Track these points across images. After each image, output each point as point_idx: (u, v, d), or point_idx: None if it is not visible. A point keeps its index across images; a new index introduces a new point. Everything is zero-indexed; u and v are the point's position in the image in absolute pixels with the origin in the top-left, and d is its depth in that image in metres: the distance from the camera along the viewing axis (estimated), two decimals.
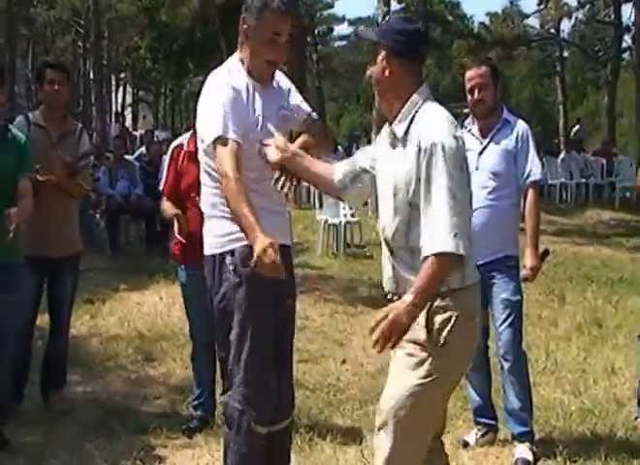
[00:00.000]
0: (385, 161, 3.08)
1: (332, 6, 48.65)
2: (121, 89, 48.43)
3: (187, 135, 4.91)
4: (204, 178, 3.50)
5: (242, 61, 3.48)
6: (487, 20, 38.93)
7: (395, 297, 3.01)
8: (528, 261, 4.53)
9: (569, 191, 17.60)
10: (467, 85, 4.55)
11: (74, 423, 4.88)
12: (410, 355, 2.97)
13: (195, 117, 3.53)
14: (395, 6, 27.59)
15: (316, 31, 46.40)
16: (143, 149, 14.42)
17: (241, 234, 3.22)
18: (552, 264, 9.52)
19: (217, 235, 3.46)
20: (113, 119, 31.48)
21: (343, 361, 6.25)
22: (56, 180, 4.71)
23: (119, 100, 47.39)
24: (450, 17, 40.36)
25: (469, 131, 4.59)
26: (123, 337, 6.83)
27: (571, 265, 10.63)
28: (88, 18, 27.05)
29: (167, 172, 4.93)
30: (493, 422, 4.71)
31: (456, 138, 2.92)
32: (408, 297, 2.82)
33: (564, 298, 8.49)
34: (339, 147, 20.51)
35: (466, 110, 4.71)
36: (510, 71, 44.69)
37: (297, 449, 4.38)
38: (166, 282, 8.61)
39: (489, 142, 4.53)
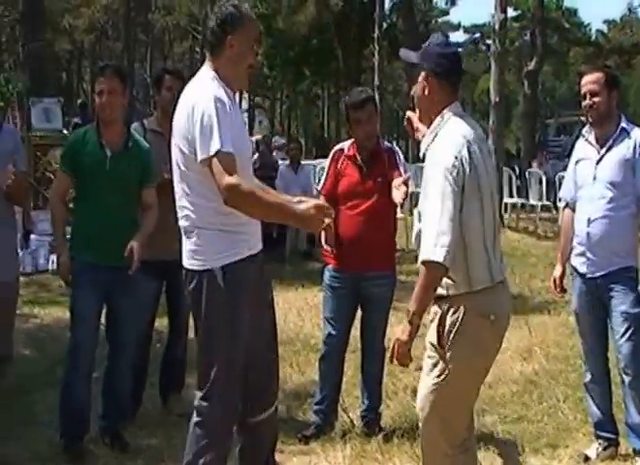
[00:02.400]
0: None
1: (447, 13, 48.46)
2: (237, 95, 49.30)
3: (350, 141, 4.92)
4: (197, 194, 3.45)
5: (217, 71, 3.51)
6: (604, 28, 38.03)
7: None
8: None
9: None
10: (581, 91, 4.49)
11: None
12: (429, 356, 3.34)
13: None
14: (511, 13, 27.19)
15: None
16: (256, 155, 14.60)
17: (234, 251, 3.39)
18: None
19: (212, 251, 3.44)
20: None
21: None
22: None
23: None
24: (567, 25, 39.59)
25: (586, 139, 4.53)
26: None
27: None
28: (206, 24, 27.60)
29: (326, 175, 4.98)
30: (614, 436, 4.57)
31: (456, 158, 3.18)
32: (407, 315, 3.20)
33: None
34: None
35: (583, 118, 4.60)
36: (628, 79, 43.42)
37: (415, 458, 4.34)
38: (282, 288, 8.68)
39: (606, 152, 4.42)
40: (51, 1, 25.72)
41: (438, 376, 3.29)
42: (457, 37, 69.41)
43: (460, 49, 3.55)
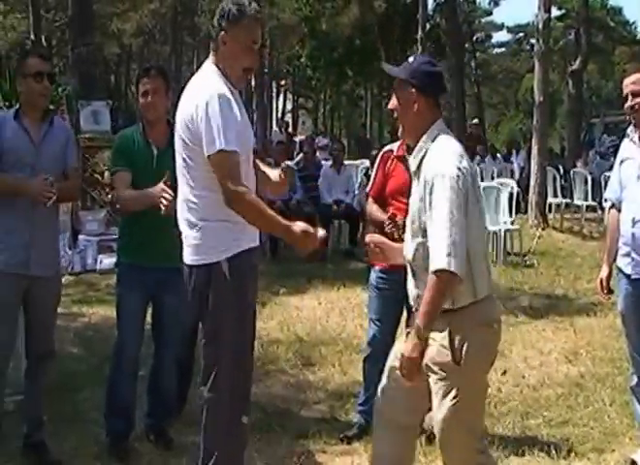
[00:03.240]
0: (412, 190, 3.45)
1: (490, 13, 48.22)
2: (282, 96, 49.48)
3: (398, 142, 4.92)
4: (201, 186, 3.47)
5: (218, 67, 3.51)
6: None
7: None
8: None
9: None
10: (623, 92, 4.44)
11: None
12: (439, 379, 3.26)
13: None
14: (555, 12, 26.92)
15: (475, 38, 45.92)
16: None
17: (236, 242, 3.46)
18: None
19: (217, 243, 3.47)
20: (274, 125, 32.11)
21: (504, 372, 6.08)
22: None
23: (280, 106, 48.44)
24: (612, 23, 39.13)
25: (631, 139, 4.49)
26: (283, 341, 6.93)
27: None
28: None
29: (374, 176, 4.98)
30: None
31: (459, 169, 3.19)
32: (413, 333, 3.21)
33: None
34: (499, 155, 20.14)
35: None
36: None
37: None
38: (324, 287, 8.71)
39: None
40: (100, 6, 26.05)
41: (455, 396, 3.24)
42: (500, 37, 69.11)
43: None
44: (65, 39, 28.47)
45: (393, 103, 3.46)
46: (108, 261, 9.63)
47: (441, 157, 3.27)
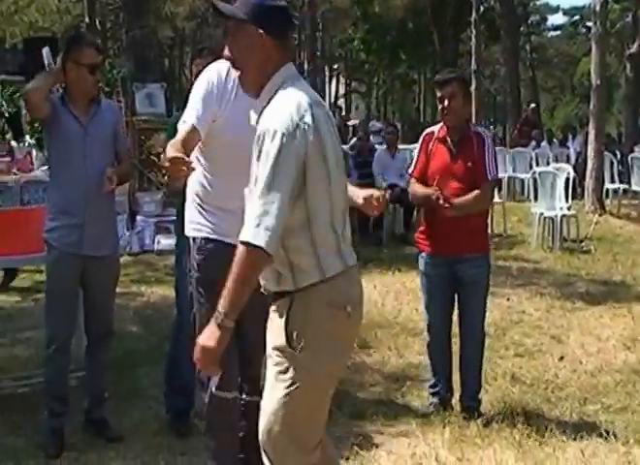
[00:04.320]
0: None
1: None
2: (335, 80, 49.39)
3: (440, 124, 4.94)
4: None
5: None
6: None
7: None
8: None
9: None
10: None
11: None
12: (276, 364, 2.80)
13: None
14: None
15: (530, 21, 45.30)
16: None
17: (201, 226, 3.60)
18: None
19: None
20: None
21: (561, 358, 6.05)
22: None
23: (333, 90, 48.36)
24: None
25: None
26: None
27: None
28: (303, 11, 27.75)
29: (417, 157, 5.00)
30: None
31: (297, 125, 2.65)
32: (215, 317, 2.66)
33: None
34: (555, 140, 19.90)
35: None
36: None
37: (515, 444, 4.32)
38: (380, 271, 8.72)
39: None
40: None
41: (289, 386, 2.76)
42: (555, 19, 68.07)
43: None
44: (119, 22, 28.76)
45: (228, 49, 3.03)
46: (165, 241, 9.78)
47: (278, 109, 2.72)
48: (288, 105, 2.71)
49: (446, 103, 4.77)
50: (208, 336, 2.65)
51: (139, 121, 11.63)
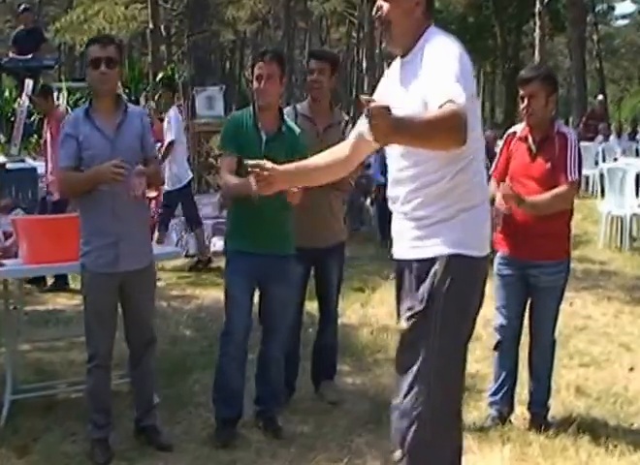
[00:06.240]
0: None
1: None
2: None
3: (522, 124, 4.79)
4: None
5: None
6: None
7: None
8: None
9: None
10: None
11: (344, 415, 4.89)
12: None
13: None
14: None
15: (597, 9, 44.42)
16: None
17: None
18: None
19: None
20: None
21: (631, 369, 5.74)
22: None
23: None
24: None
25: None
26: (392, 329, 6.76)
27: None
28: (362, 9, 27.67)
29: (498, 157, 4.90)
30: None
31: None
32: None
33: None
34: (623, 133, 19.39)
35: None
36: None
37: (576, 460, 4.12)
38: None
39: None
40: None
41: None
42: (624, 8, 66.56)
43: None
44: (182, 27, 29.19)
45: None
46: (221, 243, 9.71)
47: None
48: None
49: (527, 102, 4.61)
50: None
51: (199, 124, 11.72)
